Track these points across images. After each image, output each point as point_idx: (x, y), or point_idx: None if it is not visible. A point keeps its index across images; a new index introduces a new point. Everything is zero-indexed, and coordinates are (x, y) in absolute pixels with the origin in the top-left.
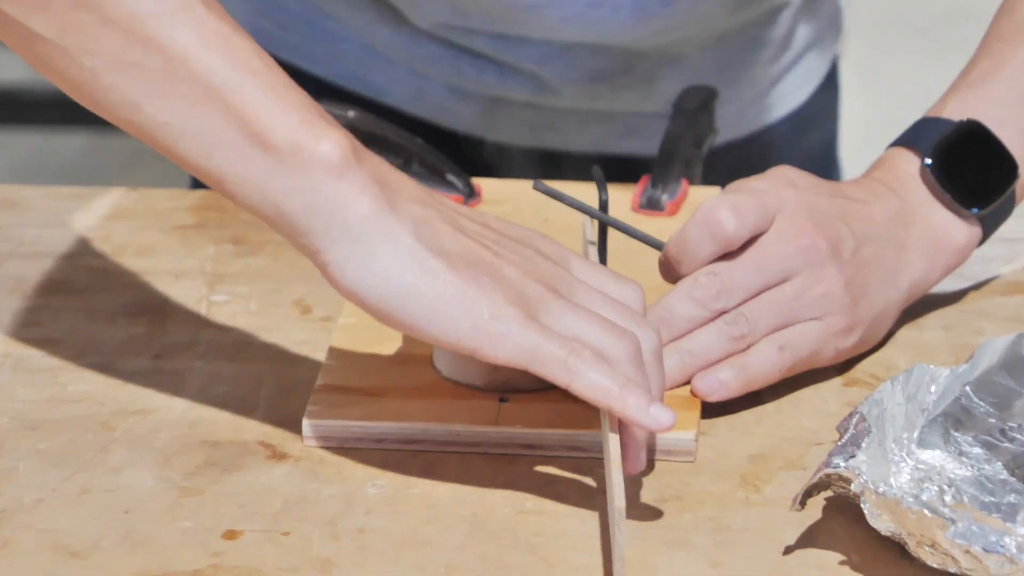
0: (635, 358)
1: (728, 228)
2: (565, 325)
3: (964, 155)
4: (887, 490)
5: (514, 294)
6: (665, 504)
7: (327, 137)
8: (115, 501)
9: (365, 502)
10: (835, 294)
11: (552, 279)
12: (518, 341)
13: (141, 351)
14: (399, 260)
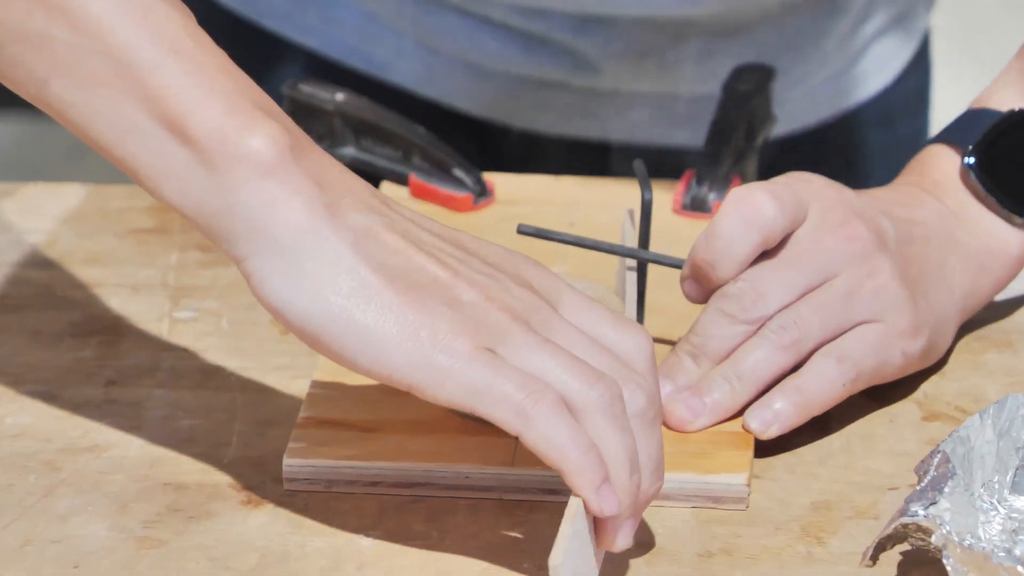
0: (609, 411)
1: (768, 212)
2: (529, 362)
3: (1012, 152)
4: (974, 543)
5: (468, 321)
6: (712, 560)
7: (257, 129)
8: (62, 554)
9: (358, 556)
10: (891, 288)
11: (525, 309)
12: (464, 378)
13: (91, 378)
14: (330, 277)
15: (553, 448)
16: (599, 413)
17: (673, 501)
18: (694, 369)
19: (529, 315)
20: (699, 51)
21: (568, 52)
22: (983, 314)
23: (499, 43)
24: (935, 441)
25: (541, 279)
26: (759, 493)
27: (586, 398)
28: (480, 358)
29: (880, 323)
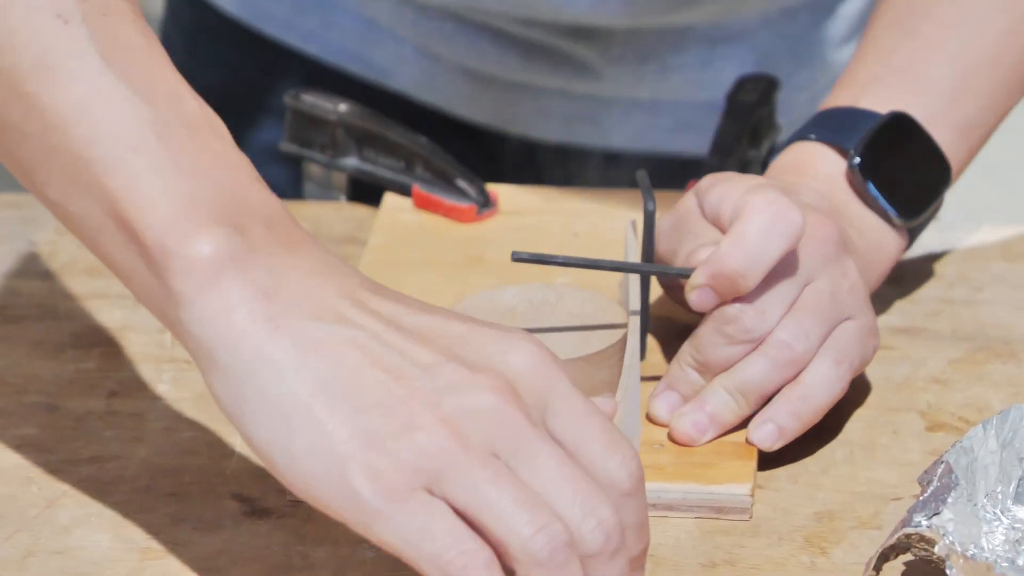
0: (548, 563)
1: (797, 219)
2: (469, 499)
3: (893, 154)
4: (977, 553)
5: (411, 453)
6: (715, 570)
7: (202, 236)
8: (65, 566)
9: (361, 568)
10: (859, 285)
11: (492, 429)
12: (391, 526)
13: (93, 389)
14: (267, 401)
15: None
16: (535, 567)
17: (676, 511)
18: (698, 380)
19: (495, 437)
20: (699, 57)
21: (567, 59)
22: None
23: (498, 50)
24: (938, 451)
25: (533, 379)
26: (762, 503)
27: (524, 551)
28: (412, 504)
29: (855, 320)
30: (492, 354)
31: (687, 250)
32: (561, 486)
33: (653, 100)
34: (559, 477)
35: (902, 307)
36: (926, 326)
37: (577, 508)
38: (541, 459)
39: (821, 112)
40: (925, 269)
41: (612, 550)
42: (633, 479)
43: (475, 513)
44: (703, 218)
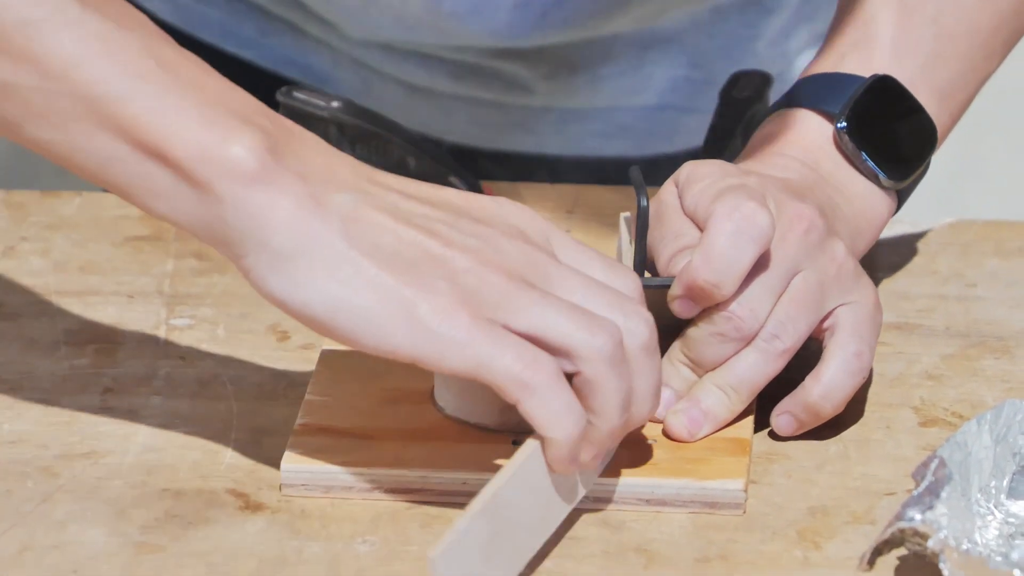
0: (611, 359)
1: (764, 222)
2: (531, 322)
3: (878, 116)
4: (971, 548)
5: (466, 291)
6: (709, 565)
7: (235, 139)
8: (60, 560)
9: (355, 562)
10: (849, 267)
11: (522, 264)
12: (465, 351)
13: (88, 386)
14: (325, 269)
15: (547, 420)
16: (602, 363)
17: (670, 507)
18: (690, 376)
19: (526, 270)
20: (630, 64)
21: (498, 76)
22: (981, 322)
23: (427, 71)
24: (932, 447)
25: (532, 225)
26: (756, 498)
27: (589, 349)
28: (480, 329)
29: (856, 302)
30: (496, 214)
31: (669, 252)
32: (596, 299)
33: (587, 108)
34: (591, 293)
35: (895, 303)
36: (920, 322)
37: (617, 312)
38: (570, 282)
39: (803, 79)
40: (918, 265)
41: (655, 345)
42: (637, 290)
43: (536, 331)
44: (683, 215)
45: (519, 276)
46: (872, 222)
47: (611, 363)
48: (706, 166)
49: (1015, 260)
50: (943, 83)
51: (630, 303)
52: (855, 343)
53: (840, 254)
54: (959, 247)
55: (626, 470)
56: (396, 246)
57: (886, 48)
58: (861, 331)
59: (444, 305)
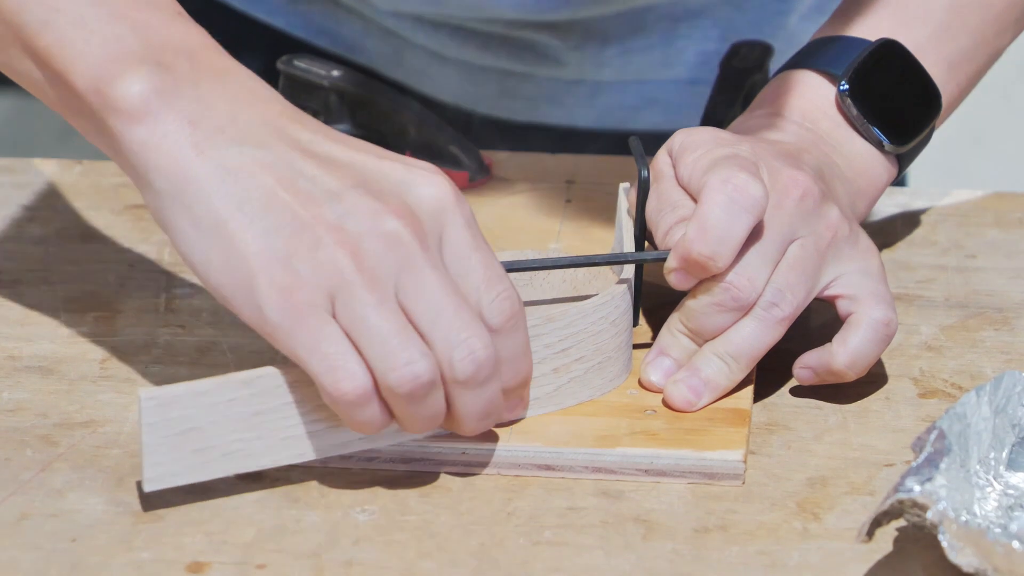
0: (409, 395)
1: (757, 193)
2: (351, 323)
3: (882, 80)
4: (970, 519)
5: (311, 270)
6: (708, 535)
7: (126, 77)
8: (59, 528)
9: (353, 531)
10: (844, 232)
11: (381, 256)
12: (288, 338)
13: (87, 353)
14: (191, 218)
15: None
16: (397, 397)
17: (669, 477)
18: (690, 346)
19: (383, 264)
20: (662, 37)
21: (529, 47)
22: (980, 293)
23: (457, 42)
24: (931, 418)
25: (435, 210)
26: (755, 469)
27: (387, 379)
28: (305, 318)
29: (861, 267)
30: (400, 183)
31: (666, 224)
32: (440, 314)
33: (617, 81)
34: (440, 306)
35: (895, 274)
36: (919, 293)
37: (452, 336)
38: (427, 286)
39: (811, 41)
40: (918, 236)
41: (482, 379)
42: (504, 316)
43: (356, 336)
44: (678, 185)
45: (376, 268)
46: (873, 183)
47: (407, 399)
48: (698, 134)
49: (1015, 231)
50: (952, 53)
51: (470, 328)
52: (883, 310)
53: (835, 218)
54: (959, 218)
55: (625, 440)
56: (264, 208)
57: (896, 15)
58: (883, 296)
59: (281, 283)
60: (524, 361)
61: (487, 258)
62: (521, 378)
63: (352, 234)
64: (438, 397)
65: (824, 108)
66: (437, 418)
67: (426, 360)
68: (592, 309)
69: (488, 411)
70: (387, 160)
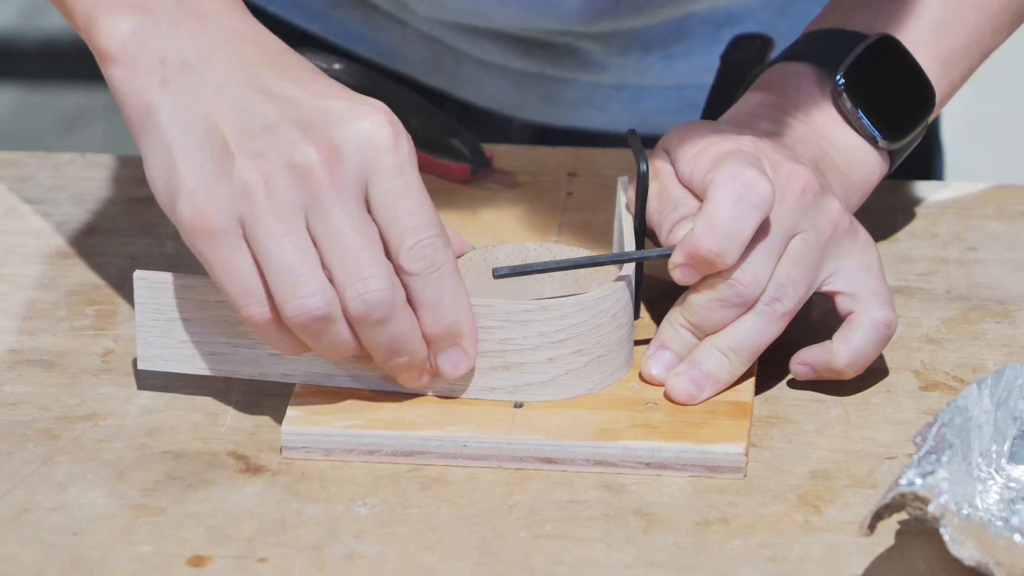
0: (304, 329)
1: (765, 190)
2: (258, 249)
3: (878, 76)
4: (972, 512)
5: (227, 198)
6: (709, 528)
7: (108, 19)
8: (61, 522)
9: (355, 524)
10: (845, 224)
11: (300, 188)
12: (207, 258)
13: (89, 347)
14: (149, 148)
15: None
16: (295, 329)
17: (671, 470)
18: (691, 340)
19: (302, 194)
20: (704, 42)
21: (569, 54)
22: (981, 286)
23: (498, 48)
24: (933, 411)
25: (360, 144)
26: (756, 462)
27: (285, 312)
28: (221, 243)
29: (862, 262)
30: (337, 119)
31: (669, 222)
32: (342, 252)
33: (659, 85)
34: (344, 243)
35: (896, 267)
36: (920, 286)
37: (350, 274)
38: (335, 222)
39: (807, 33)
40: (919, 228)
41: (378, 319)
42: (422, 263)
43: (262, 264)
44: (679, 183)
45: (279, 199)
46: (865, 177)
47: (302, 330)
48: (695, 129)
49: (1016, 223)
50: (947, 51)
51: (368, 268)
52: (884, 310)
53: (836, 212)
54: (960, 210)
55: (626, 433)
56: (203, 139)
57: (893, 10)
58: (884, 295)
59: (199, 208)
60: (451, 310)
61: (415, 204)
62: (446, 326)
63: (268, 164)
64: (338, 330)
65: (819, 102)
66: (345, 348)
67: (322, 296)
68: (592, 303)
69: (395, 349)
70: (334, 98)
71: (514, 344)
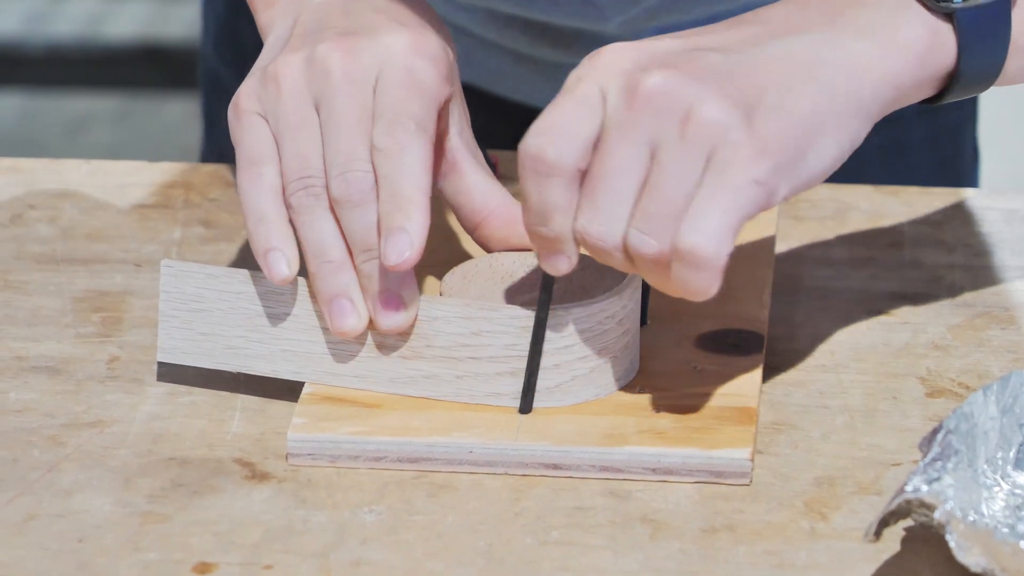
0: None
1: (551, 156)
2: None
3: None
4: (978, 519)
5: (258, 87)
6: (715, 535)
7: None
8: (66, 529)
9: (361, 531)
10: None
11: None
12: (232, 130)
13: (94, 353)
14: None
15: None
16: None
17: (676, 476)
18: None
19: (307, 87)
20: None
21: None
22: (987, 292)
23: (530, 39)
24: (938, 417)
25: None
26: (762, 468)
27: (287, 182)
28: (244, 119)
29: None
30: (372, 31)
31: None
32: (336, 139)
33: None
34: (340, 131)
35: (902, 272)
36: (926, 292)
37: (338, 158)
38: (337, 111)
39: None
40: (925, 234)
41: (354, 201)
42: (390, 139)
43: (277, 139)
44: None
45: (294, 87)
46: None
47: (295, 211)
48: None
49: (1022, 229)
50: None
51: (362, 161)
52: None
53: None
54: (966, 216)
55: (632, 439)
56: (286, 34)
57: None
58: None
59: (241, 90)
60: (405, 187)
61: (403, 94)
62: (395, 202)
63: (296, 57)
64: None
65: None
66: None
67: (316, 178)
68: (598, 309)
69: (370, 244)
70: (388, 19)
71: (520, 350)
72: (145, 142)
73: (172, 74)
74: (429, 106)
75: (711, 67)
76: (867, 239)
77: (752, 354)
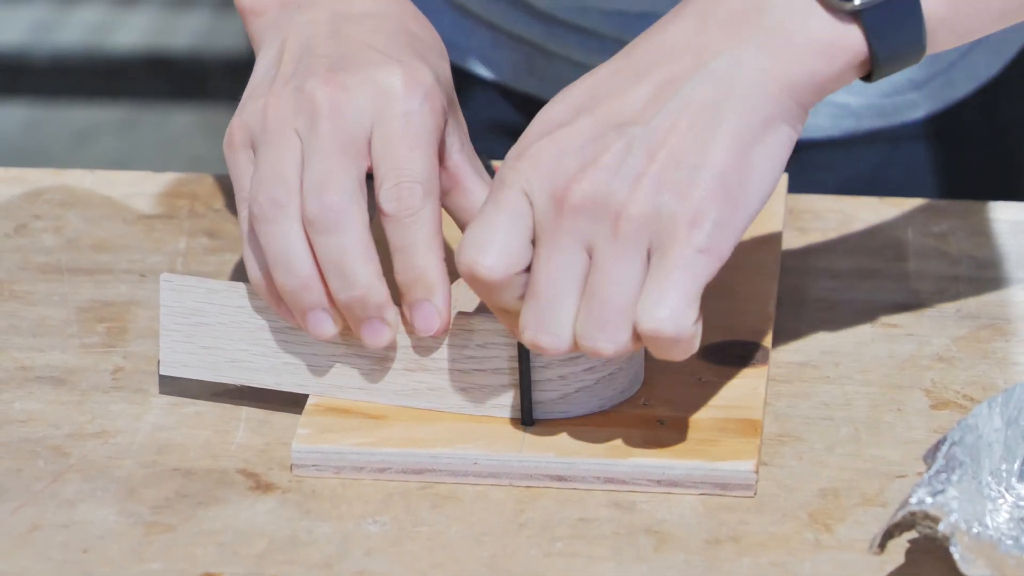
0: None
1: (483, 273)
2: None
3: None
4: (982, 531)
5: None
6: (720, 547)
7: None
8: (71, 539)
9: (365, 542)
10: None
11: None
12: (229, 166)
13: (99, 364)
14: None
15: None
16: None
17: (681, 488)
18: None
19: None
20: None
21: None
22: (992, 304)
23: (586, 49)
24: (943, 429)
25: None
26: (767, 480)
27: (253, 206)
28: (238, 155)
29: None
30: (363, 66)
31: None
32: (316, 166)
33: None
34: (320, 160)
35: (906, 284)
36: (931, 304)
37: (314, 182)
38: (319, 143)
39: None
40: (930, 246)
41: (325, 225)
42: (399, 204)
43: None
44: None
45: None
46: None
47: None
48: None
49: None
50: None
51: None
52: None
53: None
54: (970, 228)
55: (637, 451)
56: (274, 58)
57: None
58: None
59: (232, 123)
60: (421, 259)
61: (407, 150)
62: (415, 275)
63: (287, 92)
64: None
65: None
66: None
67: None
68: None
69: (344, 271)
70: (380, 53)
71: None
72: (151, 152)
73: (178, 84)
74: (431, 156)
75: (629, 146)
76: (872, 251)
77: (757, 366)
